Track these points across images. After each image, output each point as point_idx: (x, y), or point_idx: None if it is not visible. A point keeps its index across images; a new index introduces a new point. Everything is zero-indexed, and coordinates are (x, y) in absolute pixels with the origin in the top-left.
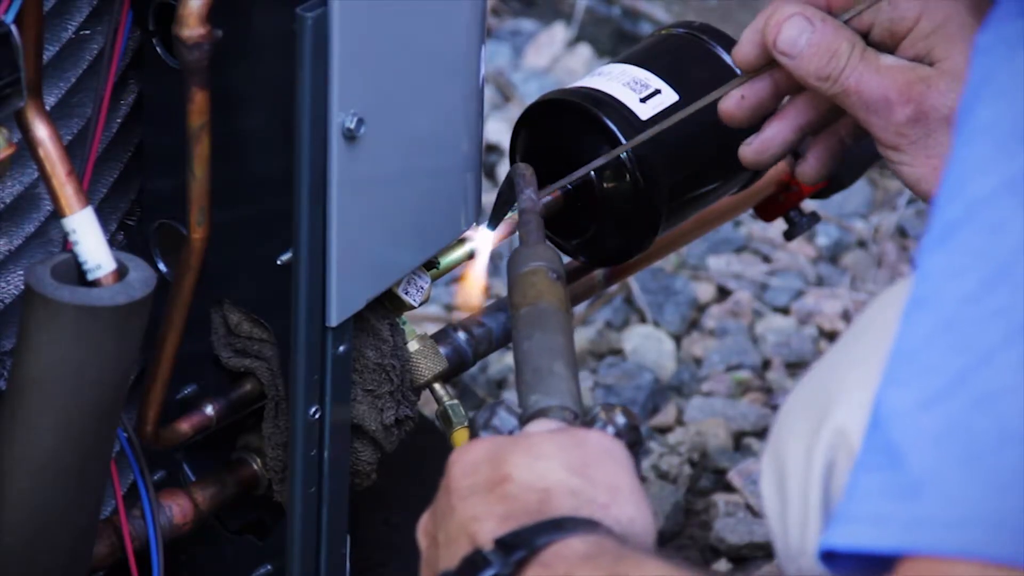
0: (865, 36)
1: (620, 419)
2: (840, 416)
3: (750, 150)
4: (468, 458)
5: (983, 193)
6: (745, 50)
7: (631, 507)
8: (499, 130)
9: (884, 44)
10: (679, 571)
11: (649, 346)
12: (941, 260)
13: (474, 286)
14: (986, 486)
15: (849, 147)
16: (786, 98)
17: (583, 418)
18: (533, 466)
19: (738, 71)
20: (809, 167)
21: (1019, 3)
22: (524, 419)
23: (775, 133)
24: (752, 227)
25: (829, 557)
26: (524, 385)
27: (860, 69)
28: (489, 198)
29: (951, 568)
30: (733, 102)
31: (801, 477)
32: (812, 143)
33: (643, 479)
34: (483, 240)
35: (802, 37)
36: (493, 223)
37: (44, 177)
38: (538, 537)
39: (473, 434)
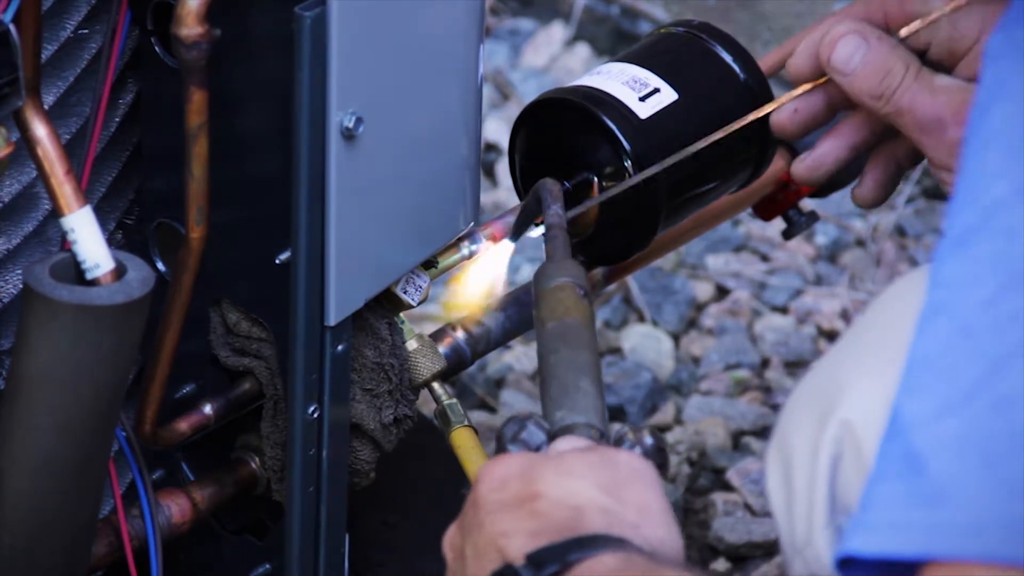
0: (923, 55)
1: (648, 440)
2: (846, 409)
3: (803, 167)
4: (497, 473)
5: (998, 198)
6: (799, 63)
7: (661, 528)
8: (498, 129)
9: (942, 63)
10: None
11: (648, 345)
12: (957, 267)
13: (481, 295)
14: (1001, 490)
15: (907, 171)
16: (840, 114)
17: (610, 437)
18: (564, 484)
19: (740, 75)
20: (865, 190)
21: None
22: (552, 434)
23: (828, 150)
24: (751, 226)
25: (845, 564)
26: (550, 399)
27: (914, 89)
28: (488, 198)
29: (971, 572)
30: (786, 114)
31: (807, 470)
32: (868, 166)
33: None
34: (502, 252)
35: (856, 55)
36: (515, 236)
37: (42, 176)
38: (570, 553)
39: (500, 446)
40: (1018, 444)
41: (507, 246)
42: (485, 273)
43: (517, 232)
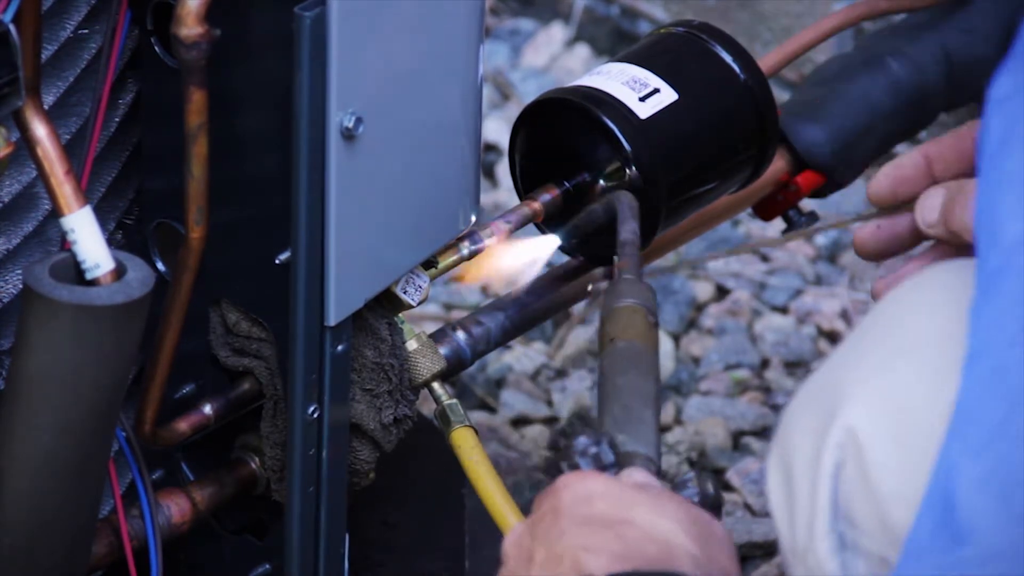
0: None
1: (710, 489)
2: (849, 415)
3: (883, 283)
4: (583, 489)
5: (1016, 240)
6: (880, 187)
7: None
8: (498, 129)
9: None
10: None
11: None
12: (988, 311)
13: (509, 275)
14: (1018, 520)
15: None
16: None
17: (663, 473)
18: (657, 521)
19: (740, 75)
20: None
21: None
22: (619, 459)
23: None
24: (751, 226)
25: None
26: (612, 419)
27: None
28: (488, 198)
29: None
30: (869, 232)
31: (809, 476)
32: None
33: None
34: (547, 246)
35: (937, 200)
36: (568, 238)
37: (42, 176)
38: None
39: (569, 457)
40: None
41: (553, 241)
42: (524, 256)
43: (572, 235)
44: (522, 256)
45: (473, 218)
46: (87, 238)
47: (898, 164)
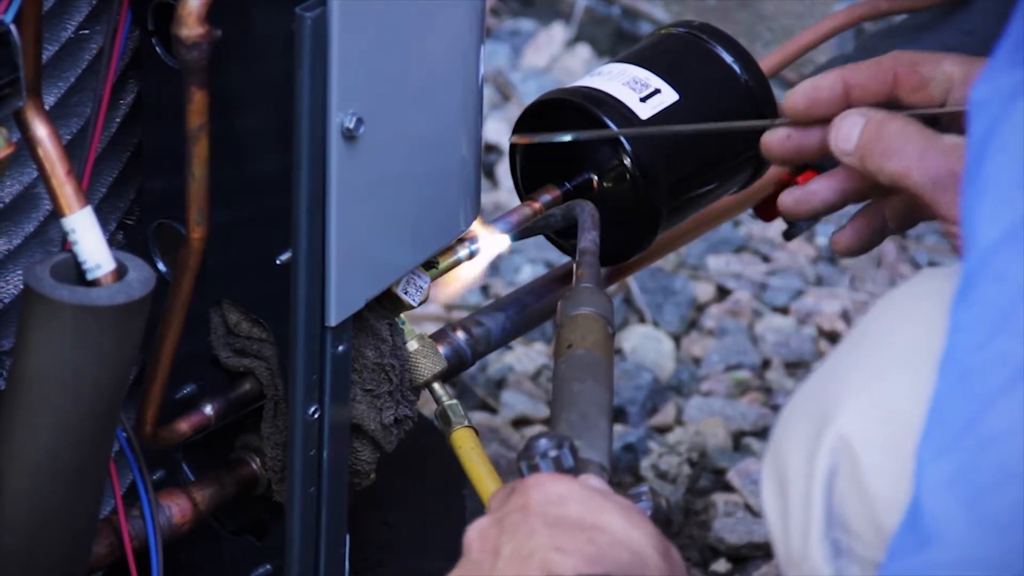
0: (934, 121)
1: (662, 503)
2: (842, 422)
3: (790, 199)
4: (554, 489)
5: (990, 244)
6: (796, 102)
7: None
8: (498, 130)
9: (952, 125)
10: None
11: (648, 346)
12: (962, 314)
13: (462, 283)
14: (987, 527)
15: (892, 232)
16: None
17: (628, 489)
18: (629, 530)
19: (741, 75)
20: (845, 237)
21: (1010, 55)
22: (578, 463)
23: (818, 190)
24: (751, 227)
25: None
26: (567, 424)
27: (923, 149)
28: (488, 198)
29: None
30: (777, 139)
31: (803, 483)
32: (855, 215)
33: (642, 479)
34: (494, 243)
35: (855, 131)
36: (519, 237)
37: (43, 177)
38: None
39: (529, 458)
40: (999, 480)
41: (503, 240)
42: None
43: (525, 234)
44: (476, 269)
45: (474, 218)
46: (88, 238)
47: (816, 84)
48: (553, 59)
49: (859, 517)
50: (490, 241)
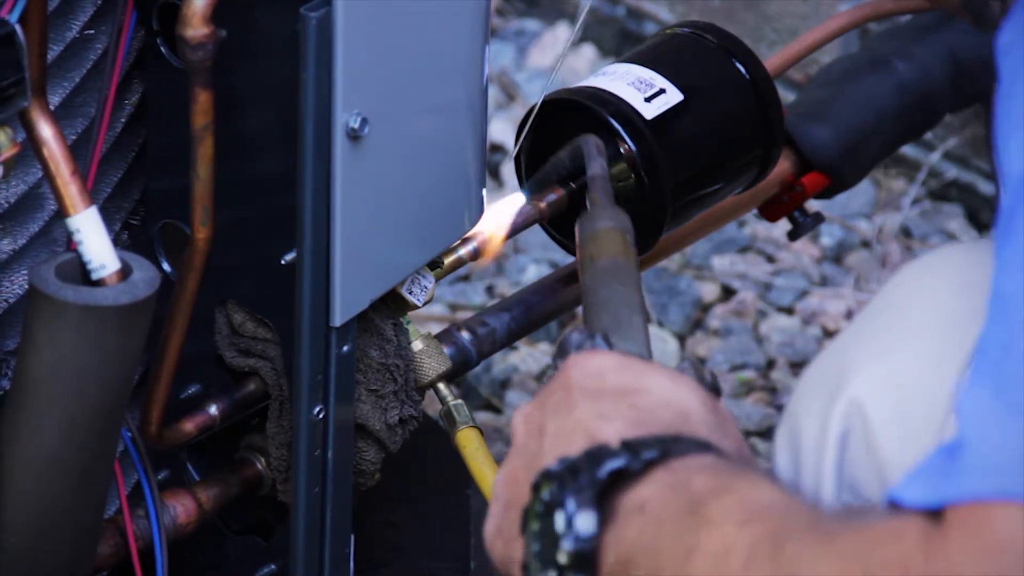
0: None
1: (707, 376)
2: (855, 387)
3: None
4: (593, 364)
5: (1021, 174)
6: None
7: (753, 471)
8: (503, 130)
9: None
10: (791, 498)
11: (653, 346)
12: (1004, 249)
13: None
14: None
15: None
16: None
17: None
18: (672, 387)
19: (746, 76)
20: None
21: None
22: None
23: None
24: (756, 227)
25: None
26: (600, 328)
27: None
28: (493, 199)
29: (989, 512)
30: None
31: (815, 445)
32: None
33: None
34: (512, 203)
35: None
36: (531, 189)
37: (48, 176)
38: (676, 445)
39: (564, 354)
40: None
41: (518, 198)
42: (497, 219)
43: (537, 186)
44: (495, 220)
45: (479, 218)
46: (93, 238)
47: None
48: (558, 59)
49: (869, 480)
50: (509, 203)
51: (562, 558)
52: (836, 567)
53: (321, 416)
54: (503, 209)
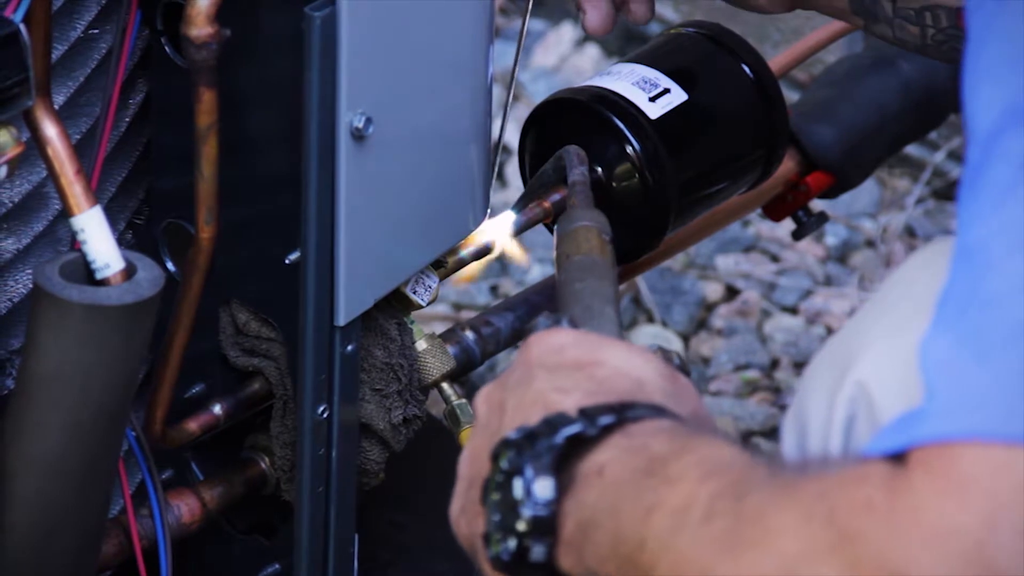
0: None
1: (674, 359)
2: (861, 369)
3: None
4: (553, 340)
5: (991, 128)
6: None
7: (712, 433)
8: (507, 129)
9: None
10: (750, 457)
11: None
12: (971, 203)
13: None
14: (994, 378)
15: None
16: None
17: None
18: (628, 358)
19: (749, 74)
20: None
21: None
22: None
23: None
24: (760, 226)
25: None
26: (573, 318)
27: None
28: (498, 198)
29: (955, 452)
30: None
31: (822, 427)
32: None
33: None
34: (503, 223)
35: None
36: (519, 206)
37: (52, 176)
38: (631, 411)
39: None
40: (1011, 338)
41: (508, 217)
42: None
43: (524, 201)
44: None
45: (483, 218)
46: (97, 238)
47: None
48: (562, 59)
49: None
50: (499, 222)
51: (521, 526)
52: (799, 512)
53: (325, 415)
54: (492, 230)
